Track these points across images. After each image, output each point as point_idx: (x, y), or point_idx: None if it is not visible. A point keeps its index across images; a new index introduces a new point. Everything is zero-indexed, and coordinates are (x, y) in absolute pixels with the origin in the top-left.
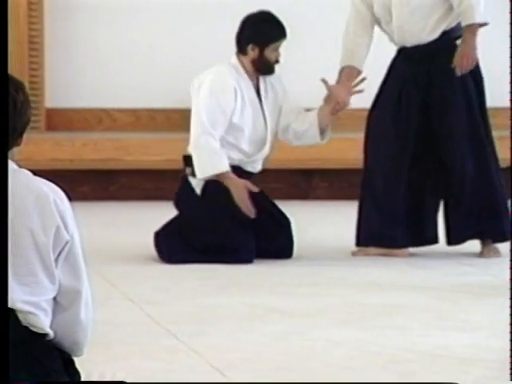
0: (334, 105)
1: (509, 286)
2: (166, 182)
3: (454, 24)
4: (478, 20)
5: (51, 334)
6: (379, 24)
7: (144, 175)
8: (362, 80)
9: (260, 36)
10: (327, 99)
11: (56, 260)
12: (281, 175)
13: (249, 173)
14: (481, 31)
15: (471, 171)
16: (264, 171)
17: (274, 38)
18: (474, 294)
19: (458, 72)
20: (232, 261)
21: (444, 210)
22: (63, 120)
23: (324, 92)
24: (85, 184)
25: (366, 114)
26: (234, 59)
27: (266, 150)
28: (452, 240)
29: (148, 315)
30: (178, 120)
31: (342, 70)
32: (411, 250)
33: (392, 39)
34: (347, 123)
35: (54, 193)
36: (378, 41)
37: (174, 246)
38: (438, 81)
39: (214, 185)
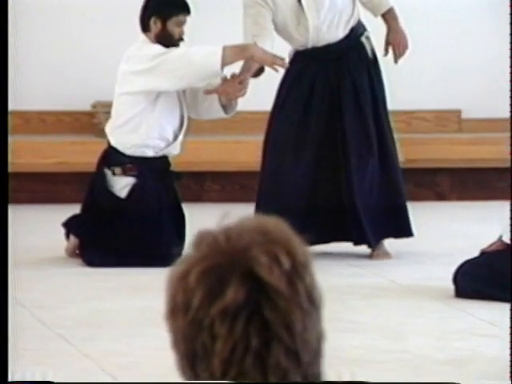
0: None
1: (397, 288)
2: (56, 185)
3: (357, 20)
4: (391, 3)
5: None
6: (279, 31)
7: (33, 178)
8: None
9: (161, 8)
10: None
11: None
12: None
13: (166, 157)
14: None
15: (377, 171)
16: None
17: (176, 11)
18: (364, 295)
19: (396, 60)
20: (158, 264)
21: (352, 213)
22: None
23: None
24: None
25: (257, 117)
26: (142, 37)
27: (184, 129)
28: (371, 241)
29: (39, 320)
30: (69, 122)
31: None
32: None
33: (295, 42)
34: (238, 126)
35: None
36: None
37: (95, 248)
38: (348, 79)
39: (140, 187)
